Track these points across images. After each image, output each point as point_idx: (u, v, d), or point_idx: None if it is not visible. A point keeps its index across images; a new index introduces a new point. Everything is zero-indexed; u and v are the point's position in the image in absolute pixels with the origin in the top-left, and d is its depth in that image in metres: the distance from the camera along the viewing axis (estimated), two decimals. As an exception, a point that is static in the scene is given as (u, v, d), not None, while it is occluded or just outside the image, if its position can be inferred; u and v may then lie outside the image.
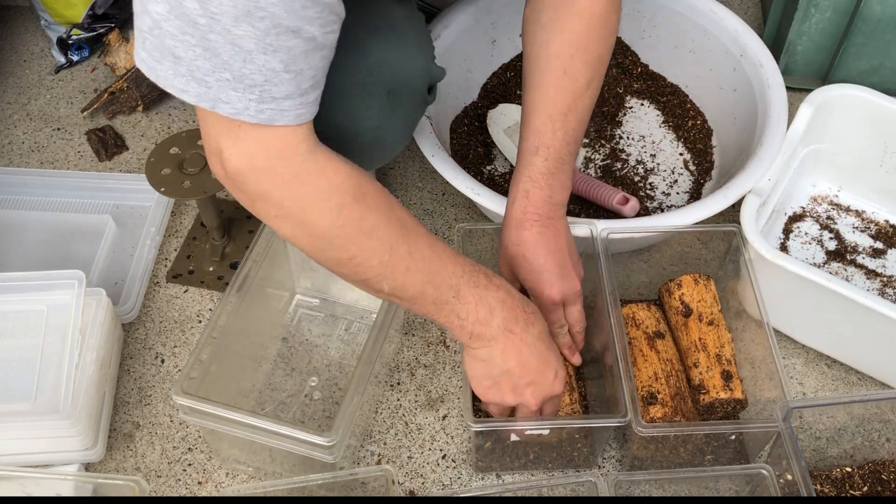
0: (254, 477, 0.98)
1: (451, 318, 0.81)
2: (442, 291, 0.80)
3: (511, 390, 0.86)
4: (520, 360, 0.84)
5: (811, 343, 1.06)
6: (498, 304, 0.82)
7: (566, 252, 0.93)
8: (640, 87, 1.33)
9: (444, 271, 0.80)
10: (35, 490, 0.90)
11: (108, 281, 1.13)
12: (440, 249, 0.81)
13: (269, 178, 0.71)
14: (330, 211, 0.73)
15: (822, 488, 0.92)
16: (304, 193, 0.72)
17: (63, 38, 1.43)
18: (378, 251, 0.76)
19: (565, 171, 0.91)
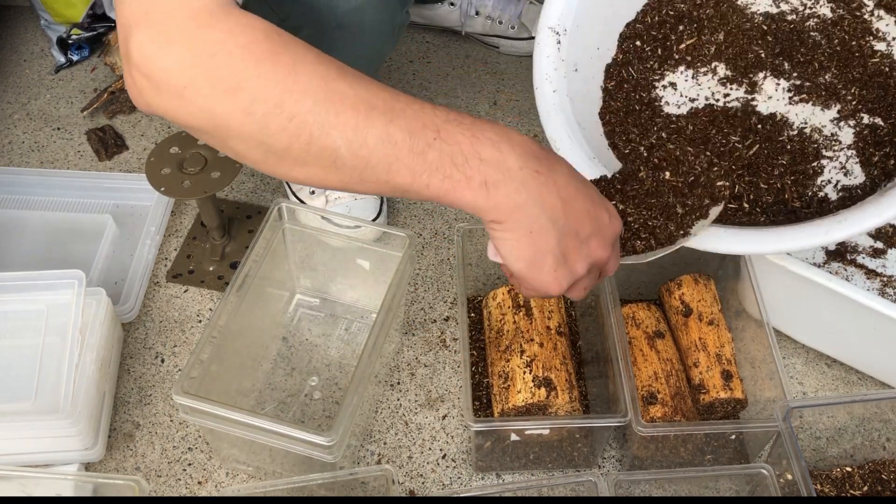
0: (254, 477, 0.98)
1: (447, 170, 0.62)
2: (417, 132, 0.62)
3: (578, 254, 0.67)
4: (566, 207, 0.65)
5: (811, 343, 1.06)
6: (500, 138, 0.63)
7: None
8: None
9: (408, 108, 0.63)
10: (35, 490, 0.90)
11: (108, 281, 1.13)
12: (395, 91, 0.64)
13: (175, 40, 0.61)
14: (240, 48, 0.61)
15: (822, 488, 0.92)
16: (210, 39, 0.61)
17: (63, 37, 1.43)
18: (309, 88, 0.61)
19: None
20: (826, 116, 0.92)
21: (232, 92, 0.61)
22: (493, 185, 0.62)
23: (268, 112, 0.61)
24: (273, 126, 0.61)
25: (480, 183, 0.62)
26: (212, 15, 0.61)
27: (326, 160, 0.62)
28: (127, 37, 0.62)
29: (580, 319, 1.08)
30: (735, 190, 0.88)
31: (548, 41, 0.95)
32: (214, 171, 1.05)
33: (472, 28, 1.47)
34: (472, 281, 1.11)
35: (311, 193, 1.17)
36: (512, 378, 0.94)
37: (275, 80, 0.61)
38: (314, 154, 0.62)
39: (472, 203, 0.63)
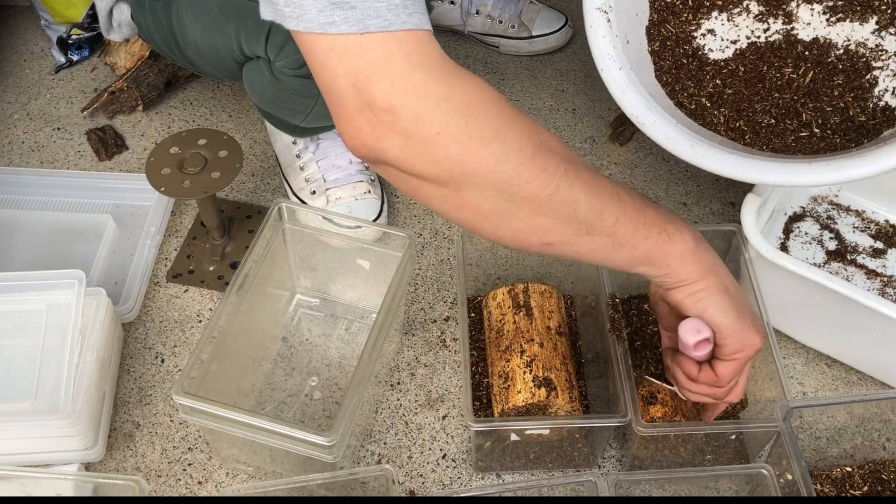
0: (254, 477, 0.98)
1: (662, 226, 0.71)
2: (634, 196, 0.70)
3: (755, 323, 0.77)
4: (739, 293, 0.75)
5: (811, 343, 1.06)
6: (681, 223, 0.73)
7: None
8: None
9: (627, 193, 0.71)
10: (35, 490, 0.90)
11: (108, 281, 1.13)
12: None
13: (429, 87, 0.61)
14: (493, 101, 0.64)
15: (822, 488, 0.92)
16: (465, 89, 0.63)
17: (63, 37, 1.43)
18: (555, 146, 0.66)
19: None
20: (866, 30, 0.93)
21: (488, 142, 0.63)
22: (697, 240, 0.71)
23: (522, 162, 0.64)
24: (525, 176, 0.64)
25: (690, 237, 0.71)
26: (456, 69, 0.63)
27: (565, 211, 0.66)
28: (367, 86, 0.61)
29: (580, 319, 1.08)
30: (803, 118, 0.89)
31: (599, 21, 0.93)
32: (214, 171, 1.05)
33: (472, 27, 1.47)
34: (472, 281, 1.11)
35: (312, 193, 1.17)
36: (512, 378, 0.94)
37: (528, 134, 0.65)
38: (554, 205, 0.66)
39: (681, 255, 0.71)
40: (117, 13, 1.21)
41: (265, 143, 1.33)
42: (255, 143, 1.33)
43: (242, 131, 1.35)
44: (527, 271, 1.11)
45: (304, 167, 1.19)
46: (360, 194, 1.16)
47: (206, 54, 1.05)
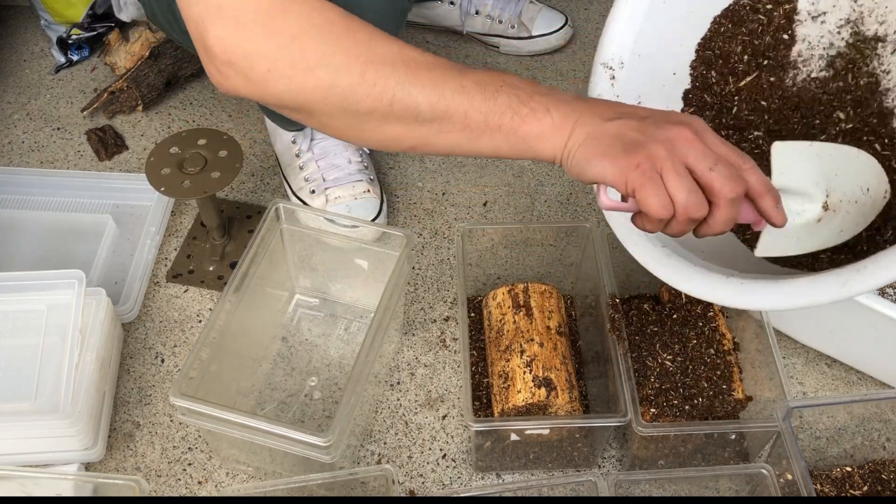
0: (254, 477, 0.98)
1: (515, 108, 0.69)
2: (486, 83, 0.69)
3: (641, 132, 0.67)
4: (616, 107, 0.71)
5: (811, 343, 1.06)
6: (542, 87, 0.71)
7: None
8: None
9: (471, 69, 0.71)
10: (35, 490, 0.90)
11: (108, 281, 1.13)
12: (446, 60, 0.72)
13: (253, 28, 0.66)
14: (317, 28, 0.67)
15: (822, 488, 0.92)
16: (288, 23, 0.67)
17: (63, 37, 1.43)
18: (387, 57, 0.68)
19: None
20: None
21: (316, 68, 0.67)
22: (553, 109, 0.68)
23: (352, 82, 0.67)
24: (358, 93, 0.67)
25: (544, 111, 0.68)
26: (283, 2, 0.66)
27: (408, 117, 0.69)
28: (203, 33, 0.66)
29: (580, 319, 1.08)
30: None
31: (599, 78, 0.91)
32: (214, 171, 1.05)
33: (472, 27, 1.47)
34: (472, 281, 1.11)
35: (312, 193, 1.17)
36: (512, 378, 0.94)
37: (356, 53, 0.67)
38: (397, 113, 0.69)
39: (539, 132, 0.68)
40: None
41: (265, 143, 1.33)
42: (255, 143, 1.33)
43: (242, 131, 1.35)
44: (527, 271, 1.11)
45: (303, 167, 1.19)
46: (360, 193, 1.16)
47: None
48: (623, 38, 0.92)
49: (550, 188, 1.28)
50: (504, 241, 1.07)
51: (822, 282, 0.75)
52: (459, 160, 1.31)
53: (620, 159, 0.66)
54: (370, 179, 1.19)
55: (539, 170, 1.30)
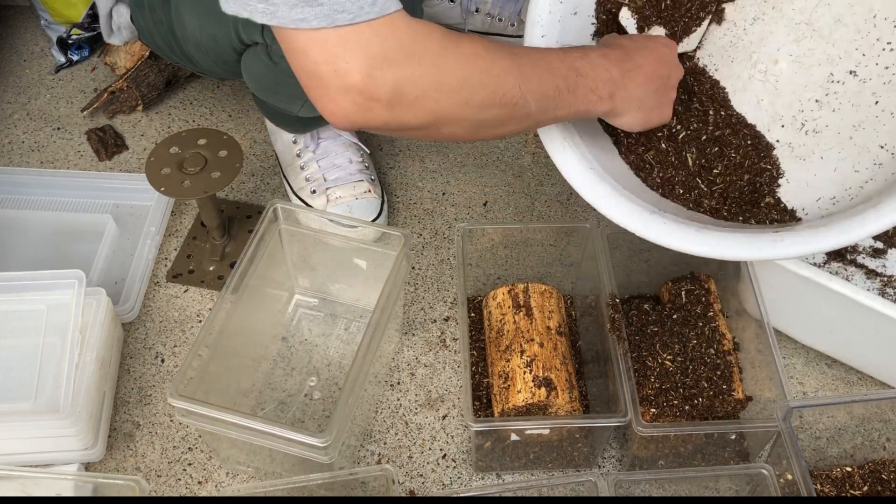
0: (254, 477, 0.98)
1: (589, 97, 0.84)
2: (568, 78, 0.82)
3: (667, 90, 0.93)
4: (648, 75, 0.89)
5: (811, 343, 1.06)
6: (602, 58, 0.86)
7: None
8: None
9: (553, 59, 0.82)
10: (35, 490, 0.90)
11: (108, 281, 1.13)
12: (540, 49, 0.84)
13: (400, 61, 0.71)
14: (453, 54, 0.74)
15: (822, 488, 0.92)
16: (428, 52, 0.72)
17: (63, 37, 1.43)
18: (509, 69, 0.77)
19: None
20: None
21: (456, 90, 0.74)
22: (612, 95, 0.86)
23: (485, 97, 0.76)
24: (488, 105, 0.76)
25: (608, 97, 0.85)
26: (418, 29, 0.72)
27: (522, 118, 0.80)
28: (345, 71, 0.70)
29: (580, 319, 1.08)
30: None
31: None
32: (214, 171, 1.05)
33: (472, 25, 1.47)
34: (472, 281, 1.11)
35: (313, 193, 1.17)
36: (512, 378, 0.94)
37: (487, 71, 0.75)
38: (513, 115, 0.79)
39: (603, 111, 0.87)
40: (116, 16, 1.21)
41: (265, 143, 1.33)
42: (255, 143, 1.33)
43: (242, 131, 1.35)
44: (527, 271, 1.11)
45: (304, 166, 1.19)
46: (360, 193, 1.16)
47: (205, 47, 1.05)
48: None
49: (550, 188, 1.28)
50: (504, 241, 1.07)
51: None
52: (459, 160, 1.31)
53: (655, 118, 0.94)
54: (371, 179, 1.18)
55: (539, 170, 1.30)
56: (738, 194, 0.95)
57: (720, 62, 1.03)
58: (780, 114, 0.99)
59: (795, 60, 0.99)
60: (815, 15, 0.99)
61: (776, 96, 1.00)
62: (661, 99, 0.93)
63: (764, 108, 1.00)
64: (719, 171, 0.96)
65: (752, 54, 1.02)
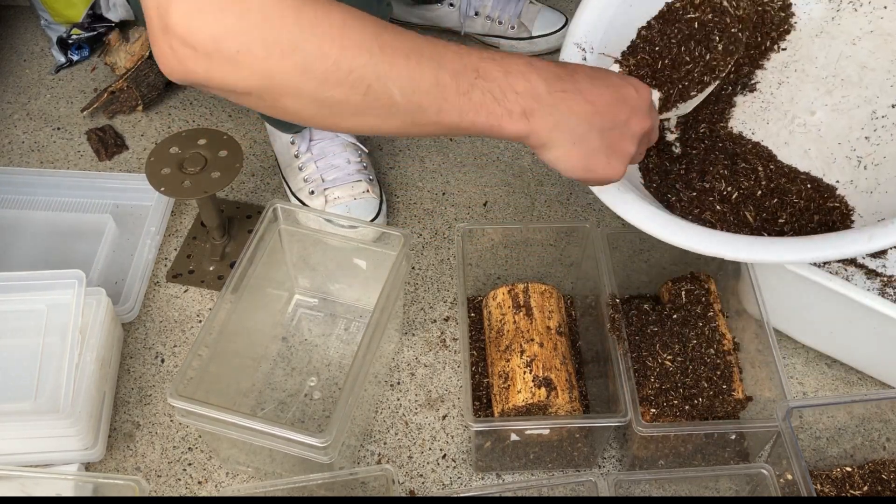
0: (254, 477, 0.98)
1: (491, 107, 0.68)
2: (460, 75, 0.67)
3: (623, 138, 0.74)
4: (597, 107, 0.72)
5: (811, 343, 1.06)
6: (527, 69, 0.70)
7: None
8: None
9: (449, 52, 0.68)
10: (35, 490, 0.90)
11: (108, 281, 1.13)
12: (433, 38, 0.68)
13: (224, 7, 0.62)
14: (292, 10, 0.63)
15: (822, 488, 0.92)
16: (261, 4, 0.63)
17: (63, 37, 1.43)
18: (363, 43, 0.65)
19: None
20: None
21: (289, 53, 0.63)
22: (529, 113, 0.69)
23: (327, 69, 0.64)
24: (331, 81, 0.64)
25: (520, 114, 0.69)
26: None
27: (382, 108, 0.67)
28: (165, 10, 0.62)
29: (580, 319, 1.08)
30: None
31: (573, 56, 0.96)
32: (214, 171, 1.05)
33: (472, 29, 1.47)
34: (472, 281, 1.11)
35: (311, 193, 1.17)
36: (512, 378, 0.94)
37: (331, 38, 0.64)
38: (370, 104, 0.66)
39: (515, 134, 0.70)
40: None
41: (265, 143, 1.33)
42: (255, 143, 1.33)
43: (242, 131, 1.35)
44: (527, 271, 1.11)
45: (302, 167, 1.19)
46: (359, 193, 1.16)
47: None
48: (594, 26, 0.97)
49: (550, 188, 1.28)
50: (504, 241, 1.07)
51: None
52: (459, 160, 1.31)
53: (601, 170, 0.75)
54: (369, 179, 1.19)
55: (539, 170, 1.30)
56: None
57: (755, 126, 1.01)
58: (832, 156, 0.97)
59: (833, 109, 0.99)
60: (839, 67, 1.00)
61: (822, 143, 0.98)
62: (611, 145, 0.74)
63: (813, 155, 0.98)
64: (785, 219, 0.93)
65: (786, 112, 1.00)
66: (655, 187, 0.95)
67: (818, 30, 1.02)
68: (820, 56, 1.01)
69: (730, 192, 0.94)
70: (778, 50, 1.03)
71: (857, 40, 1.01)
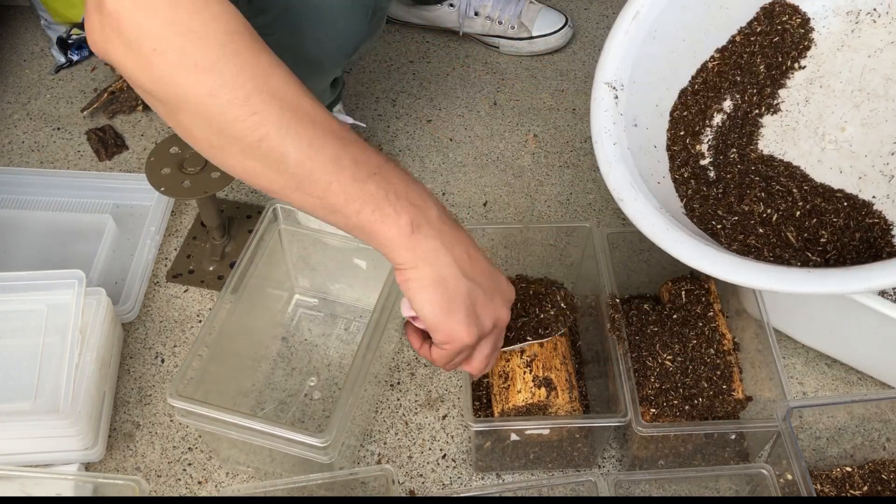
0: (254, 477, 0.98)
1: (379, 202, 0.66)
2: (362, 164, 0.66)
3: (485, 308, 0.72)
4: (473, 262, 0.71)
5: (811, 343, 1.06)
6: (426, 192, 0.69)
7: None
8: None
9: (358, 142, 0.68)
10: (35, 490, 0.90)
11: (108, 281, 1.13)
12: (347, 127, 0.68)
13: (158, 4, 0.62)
14: (225, 33, 0.63)
15: (822, 488, 0.92)
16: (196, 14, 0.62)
17: (63, 37, 1.43)
18: (280, 94, 0.64)
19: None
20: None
21: (203, 70, 0.62)
22: (416, 226, 0.67)
23: (233, 100, 0.63)
24: (233, 114, 0.63)
25: (407, 222, 0.67)
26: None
27: (272, 161, 0.65)
28: None
29: (580, 319, 1.08)
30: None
31: (605, 96, 0.97)
32: (214, 171, 1.05)
33: (472, 29, 1.47)
34: (472, 281, 1.10)
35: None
36: (512, 378, 0.94)
37: (251, 75, 0.63)
38: (262, 152, 0.65)
39: (393, 239, 0.67)
40: None
41: (265, 143, 1.32)
42: (255, 143, 1.33)
43: (242, 131, 1.35)
44: (527, 271, 1.11)
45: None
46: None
47: None
48: (621, 63, 0.98)
49: (550, 188, 1.28)
50: (504, 241, 1.07)
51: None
52: (459, 160, 1.31)
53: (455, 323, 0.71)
54: (370, 179, 1.18)
55: (539, 170, 1.30)
56: (856, 255, 0.92)
57: (785, 146, 1.01)
58: (864, 173, 0.97)
59: (862, 123, 0.99)
60: (863, 81, 0.99)
61: (855, 159, 0.98)
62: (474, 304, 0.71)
63: (847, 172, 0.98)
64: (826, 238, 0.93)
65: (815, 130, 1.00)
66: (698, 216, 0.95)
67: (839, 44, 1.02)
68: (843, 70, 1.01)
69: (769, 215, 0.94)
70: (799, 68, 1.03)
71: (878, 52, 1.00)
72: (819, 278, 0.81)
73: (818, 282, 0.80)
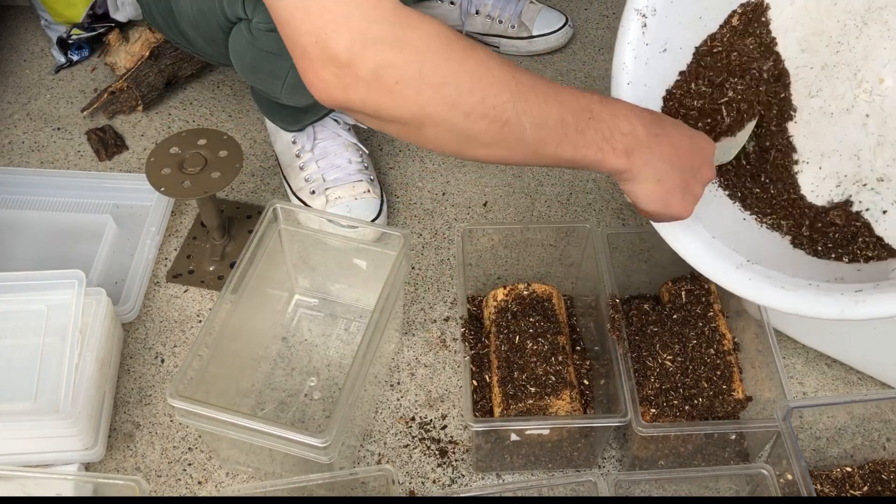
0: (254, 477, 0.98)
1: (599, 143, 0.77)
2: (578, 115, 0.76)
3: (695, 181, 0.85)
4: (679, 152, 0.82)
5: (811, 343, 1.06)
6: (629, 113, 0.80)
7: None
8: None
9: (569, 94, 0.77)
10: (35, 490, 0.90)
11: (108, 281, 1.13)
12: (544, 78, 0.77)
13: (384, 41, 0.67)
14: (443, 48, 0.70)
15: (822, 488, 0.92)
16: (415, 39, 0.69)
17: (63, 37, 1.43)
18: (504, 81, 0.72)
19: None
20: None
21: (438, 87, 0.69)
22: (630, 152, 0.79)
23: (473, 103, 0.71)
24: (475, 115, 0.71)
25: (622, 151, 0.78)
26: (409, 17, 0.69)
27: (513, 141, 0.74)
28: (326, 41, 0.67)
29: (580, 319, 1.08)
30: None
31: (632, 24, 0.93)
32: (214, 171, 1.05)
33: (472, 27, 1.47)
34: (472, 281, 1.11)
35: (312, 193, 1.17)
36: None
37: (478, 76, 0.71)
38: (504, 136, 0.73)
39: (614, 167, 0.79)
40: None
41: (265, 143, 1.33)
42: (255, 143, 1.33)
43: (242, 131, 1.35)
44: (527, 271, 1.11)
45: (303, 167, 1.19)
46: (360, 194, 1.16)
47: (195, 22, 1.03)
48: None
49: (550, 188, 1.28)
50: (504, 241, 1.07)
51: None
52: (460, 160, 1.31)
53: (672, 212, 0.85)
54: (370, 180, 1.19)
55: (539, 170, 1.30)
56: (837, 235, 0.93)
57: (824, 83, 0.96)
58: (884, 137, 0.93)
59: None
60: None
61: (881, 118, 0.93)
62: (685, 186, 0.84)
63: (870, 130, 0.94)
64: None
65: (856, 73, 0.95)
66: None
67: None
68: None
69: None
70: None
71: None
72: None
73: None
